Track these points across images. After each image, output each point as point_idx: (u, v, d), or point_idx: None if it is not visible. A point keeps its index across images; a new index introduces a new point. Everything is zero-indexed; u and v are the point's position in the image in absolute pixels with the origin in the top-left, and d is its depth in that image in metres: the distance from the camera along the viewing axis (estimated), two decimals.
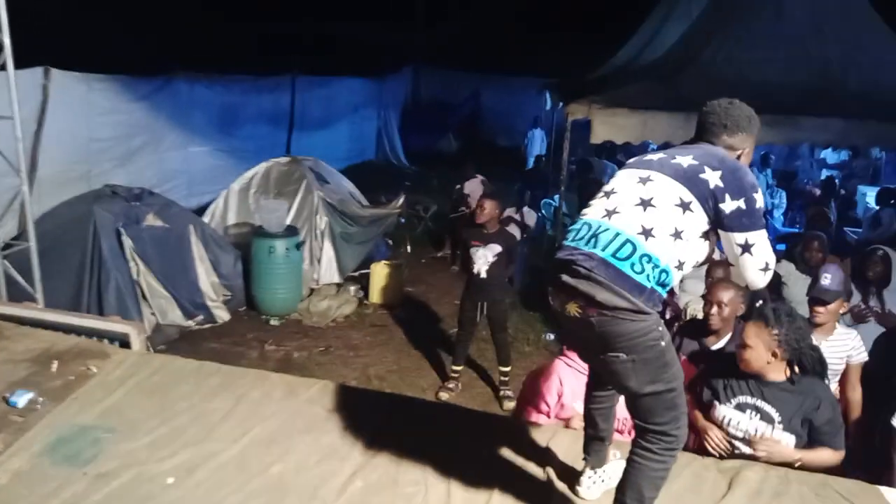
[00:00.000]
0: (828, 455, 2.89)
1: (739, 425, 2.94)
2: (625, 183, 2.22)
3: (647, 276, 2.04)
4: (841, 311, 3.90)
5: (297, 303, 6.88)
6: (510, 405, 5.20)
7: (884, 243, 5.79)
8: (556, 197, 8.41)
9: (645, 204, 2.12)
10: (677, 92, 7.16)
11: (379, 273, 7.31)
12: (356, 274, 7.58)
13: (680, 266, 2.13)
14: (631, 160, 2.40)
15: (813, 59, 7.54)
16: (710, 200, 2.12)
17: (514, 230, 7.91)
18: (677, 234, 2.09)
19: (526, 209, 8.71)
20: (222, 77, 10.71)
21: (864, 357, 3.92)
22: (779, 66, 7.37)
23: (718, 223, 2.14)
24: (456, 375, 5.62)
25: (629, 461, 2.22)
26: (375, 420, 2.96)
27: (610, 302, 2.00)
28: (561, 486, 2.61)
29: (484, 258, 5.34)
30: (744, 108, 2.35)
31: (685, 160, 2.19)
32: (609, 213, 2.15)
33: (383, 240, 8.47)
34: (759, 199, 2.15)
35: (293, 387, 3.17)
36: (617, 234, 2.08)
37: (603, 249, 2.05)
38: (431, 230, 9.85)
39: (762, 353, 2.89)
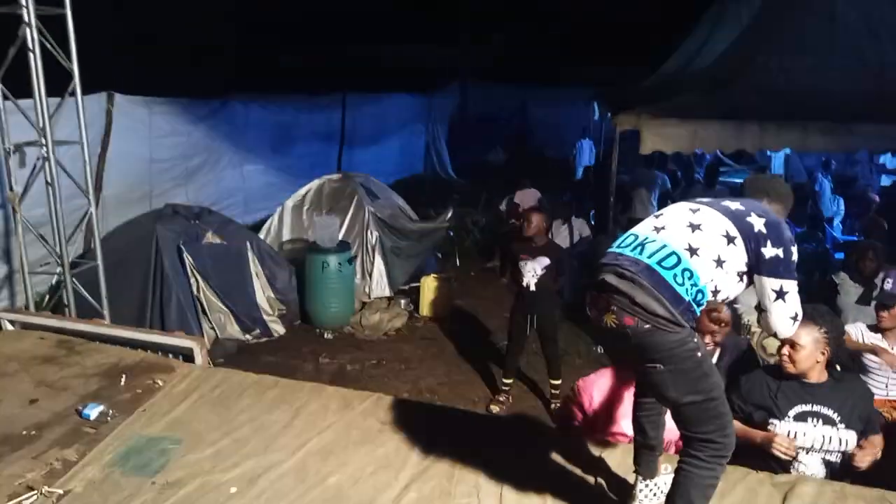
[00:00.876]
0: (879, 442, 2.95)
1: (806, 436, 2.92)
2: (675, 209, 2.35)
3: (686, 289, 2.11)
4: None
5: (349, 316, 7.02)
6: None
7: None
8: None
9: (693, 227, 2.22)
10: (728, 101, 7.10)
11: (429, 286, 7.41)
12: (406, 287, 7.70)
13: (715, 293, 2.20)
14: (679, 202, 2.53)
15: (868, 63, 7.39)
16: (752, 242, 2.20)
17: (563, 241, 7.94)
18: (719, 262, 2.17)
19: (575, 219, 8.70)
20: (276, 97, 11.04)
21: None
22: (833, 73, 7.23)
23: (756, 267, 2.21)
24: (507, 388, 5.65)
25: (678, 470, 2.24)
26: (428, 432, 3.02)
27: (649, 306, 2.07)
28: (614, 498, 2.63)
29: (532, 271, 5.37)
30: (784, 185, 2.79)
31: (733, 204, 2.32)
32: (657, 229, 2.25)
33: (433, 253, 8.56)
34: (795, 254, 2.24)
35: (348, 399, 3.26)
36: (664, 246, 2.17)
37: (649, 257, 2.15)
38: (480, 243, 9.91)
39: (813, 352, 2.93)
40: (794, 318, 2.22)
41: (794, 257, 2.23)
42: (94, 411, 3.11)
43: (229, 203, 9.47)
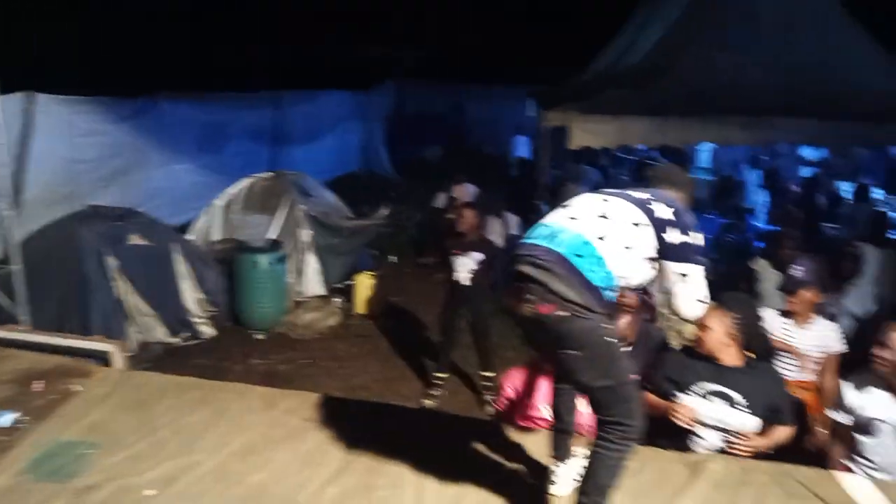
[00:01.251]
0: (786, 433, 3.09)
1: (704, 412, 3.05)
2: (585, 200, 2.45)
3: (598, 276, 2.20)
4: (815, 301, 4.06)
5: (281, 316, 6.95)
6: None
7: (860, 240, 5.94)
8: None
9: (603, 216, 2.33)
10: (654, 96, 7.27)
11: (363, 284, 7.39)
12: (341, 285, 7.65)
13: (626, 279, 2.30)
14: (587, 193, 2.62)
15: (787, 61, 7.66)
16: (659, 229, 2.31)
17: (497, 236, 8.03)
18: (628, 249, 2.28)
19: (508, 214, 8.79)
20: (206, 95, 10.80)
21: (843, 348, 4.06)
22: (754, 70, 7.48)
23: (663, 253, 2.31)
24: (440, 382, 5.68)
25: (591, 453, 2.33)
26: (353, 428, 3.03)
27: (563, 294, 2.16)
28: (533, 483, 2.70)
29: (465, 266, 5.42)
30: (684, 174, 2.95)
31: (642, 195, 2.43)
32: (570, 219, 2.34)
33: (368, 251, 8.54)
34: (701, 240, 2.35)
35: (272, 398, 3.25)
36: (576, 235, 2.26)
37: (562, 246, 2.24)
38: (416, 239, 9.93)
39: (720, 335, 3.08)
40: (700, 301, 2.32)
41: (700, 243, 2.34)
42: (6, 419, 3.02)
43: (157, 204, 9.21)
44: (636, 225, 2.30)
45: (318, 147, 13.66)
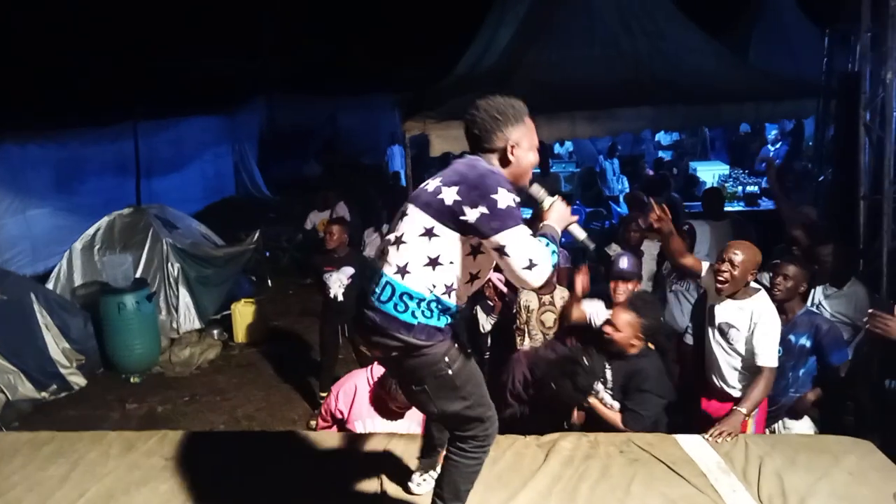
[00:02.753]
0: (617, 418, 3.32)
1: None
2: (396, 220, 2.30)
3: (412, 312, 2.15)
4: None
5: (157, 356, 6.72)
6: None
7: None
8: None
9: (398, 242, 2.19)
10: (507, 97, 7.57)
11: (241, 312, 7.27)
12: (218, 316, 7.49)
13: (449, 291, 2.17)
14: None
15: (624, 53, 8.15)
16: (451, 218, 2.12)
17: (374, 248, 8.10)
18: (433, 262, 2.14)
19: (386, 227, 8.88)
20: (58, 132, 10.25)
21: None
22: (596, 64, 7.92)
23: (473, 234, 2.12)
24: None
25: (446, 458, 2.40)
26: (216, 460, 3.03)
27: (385, 345, 2.19)
28: (393, 487, 2.79)
29: (338, 282, 5.46)
30: (491, 106, 2.27)
31: (432, 183, 2.24)
32: (380, 255, 2.28)
33: (245, 277, 8.40)
34: (505, 199, 2.09)
35: (131, 441, 3.18)
36: (381, 277, 2.20)
37: (374, 296, 2.19)
38: (298, 259, 9.85)
39: (629, 337, 3.31)
40: (530, 267, 2.07)
41: (504, 204, 2.08)
42: None
43: (14, 253, 8.71)
44: (428, 232, 2.15)
45: (187, 175, 13.26)
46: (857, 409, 3.58)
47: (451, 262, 2.17)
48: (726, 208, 7.39)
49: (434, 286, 2.16)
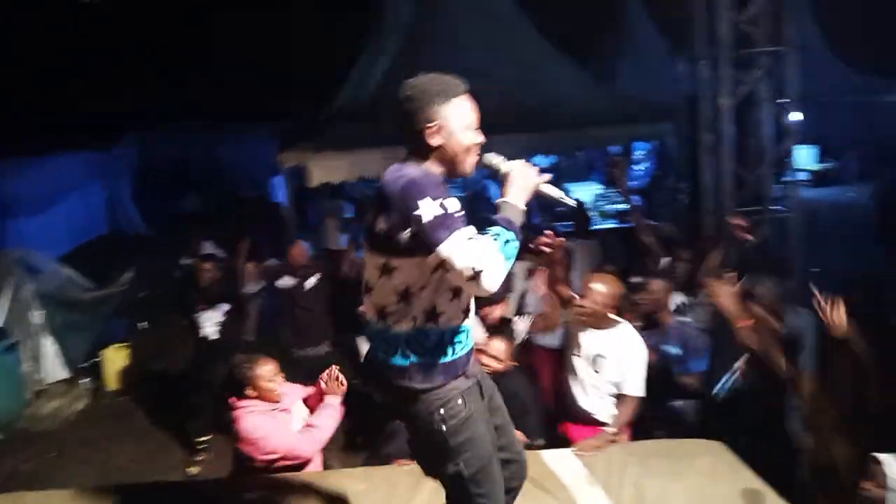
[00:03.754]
0: None
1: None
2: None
3: (402, 352, 2.04)
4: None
5: (20, 410, 6.27)
6: None
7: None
8: None
9: (367, 290, 2.11)
10: (381, 128, 7.66)
11: (112, 357, 6.92)
12: (88, 364, 7.06)
13: (434, 317, 2.03)
14: None
15: (495, 84, 8.42)
16: (394, 247, 1.97)
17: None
18: (404, 296, 2.01)
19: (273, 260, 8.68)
20: None
21: None
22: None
23: (421, 252, 1.93)
24: (203, 447, 5.48)
25: None
26: None
27: (388, 395, 2.12)
28: None
29: (210, 320, 5.32)
30: (410, 87, 2.07)
31: (371, 215, 2.06)
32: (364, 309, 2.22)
33: (118, 320, 7.99)
34: (429, 210, 1.87)
35: None
36: (370, 325, 2.14)
37: (370, 349, 2.18)
38: (174, 298, 9.44)
39: (502, 363, 3.52)
40: (475, 276, 1.82)
41: (433, 215, 1.86)
42: None
43: None
44: (385, 269, 2.01)
45: (54, 216, 12.51)
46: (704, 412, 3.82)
47: (422, 288, 2.00)
48: (602, 226, 7.77)
49: (415, 318, 2.01)
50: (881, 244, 7.84)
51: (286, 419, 3.33)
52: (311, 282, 5.69)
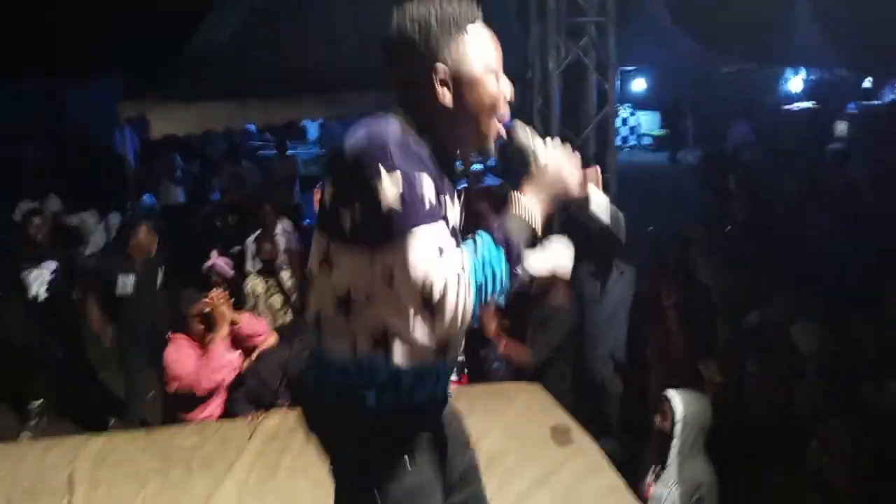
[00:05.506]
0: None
1: None
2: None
3: (334, 383, 1.51)
4: None
5: None
6: None
7: None
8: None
9: (310, 279, 1.53)
10: (233, 79, 7.41)
11: None
12: None
13: (384, 343, 1.42)
14: None
15: (353, 38, 8.32)
16: (338, 230, 1.38)
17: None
18: (343, 304, 1.42)
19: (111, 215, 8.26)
20: None
21: None
22: (321, 46, 8.01)
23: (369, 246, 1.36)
24: (37, 410, 5.23)
25: None
26: None
27: (308, 416, 1.63)
28: None
29: (39, 278, 5.08)
30: (406, 16, 1.42)
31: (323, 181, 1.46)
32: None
33: None
34: (391, 183, 1.27)
35: None
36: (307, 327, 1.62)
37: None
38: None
39: None
40: (427, 297, 1.25)
41: (388, 198, 1.27)
42: None
43: None
44: (325, 258, 1.44)
45: None
46: None
47: (368, 297, 1.38)
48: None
49: (355, 340, 1.41)
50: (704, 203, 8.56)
51: (197, 353, 3.48)
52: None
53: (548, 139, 1.50)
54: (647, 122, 16.41)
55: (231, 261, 5.04)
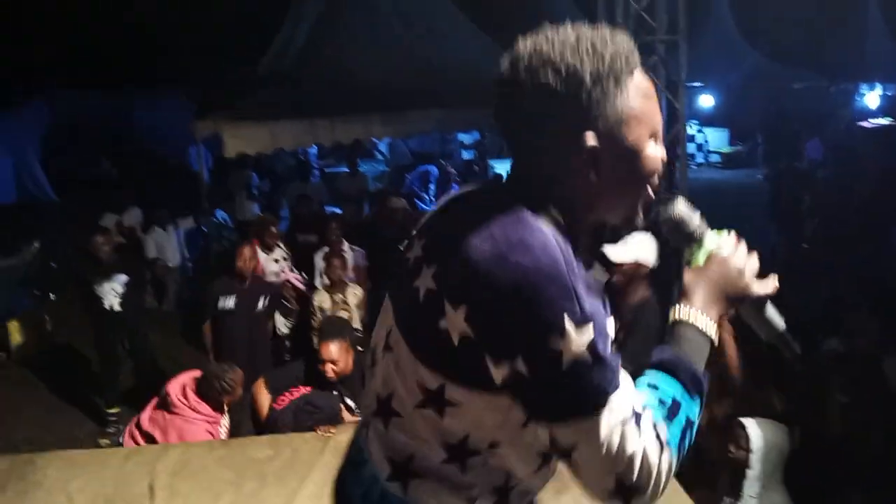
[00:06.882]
0: None
1: None
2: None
3: None
4: None
5: None
6: None
7: None
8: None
9: (380, 404, 1.16)
10: (300, 98, 7.57)
11: (17, 328, 6.74)
12: None
13: (504, 492, 1.13)
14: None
15: (416, 58, 8.43)
16: (468, 372, 1.02)
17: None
18: (458, 451, 1.09)
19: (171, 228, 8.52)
20: None
21: None
22: (386, 66, 8.13)
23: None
24: (114, 418, 5.44)
25: None
26: None
27: None
28: None
29: (111, 290, 5.26)
30: (534, 52, 1.03)
31: (424, 279, 1.06)
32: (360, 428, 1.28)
33: (24, 290, 7.72)
34: (577, 339, 0.95)
35: None
36: (367, 469, 1.20)
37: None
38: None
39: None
40: (622, 489, 1.00)
41: (572, 350, 0.95)
42: None
43: None
44: (435, 395, 1.06)
45: None
46: None
47: (493, 445, 1.08)
48: None
49: (471, 494, 1.11)
50: (774, 222, 8.33)
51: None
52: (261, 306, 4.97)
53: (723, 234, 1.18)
54: (716, 139, 16.12)
55: (302, 277, 5.16)
